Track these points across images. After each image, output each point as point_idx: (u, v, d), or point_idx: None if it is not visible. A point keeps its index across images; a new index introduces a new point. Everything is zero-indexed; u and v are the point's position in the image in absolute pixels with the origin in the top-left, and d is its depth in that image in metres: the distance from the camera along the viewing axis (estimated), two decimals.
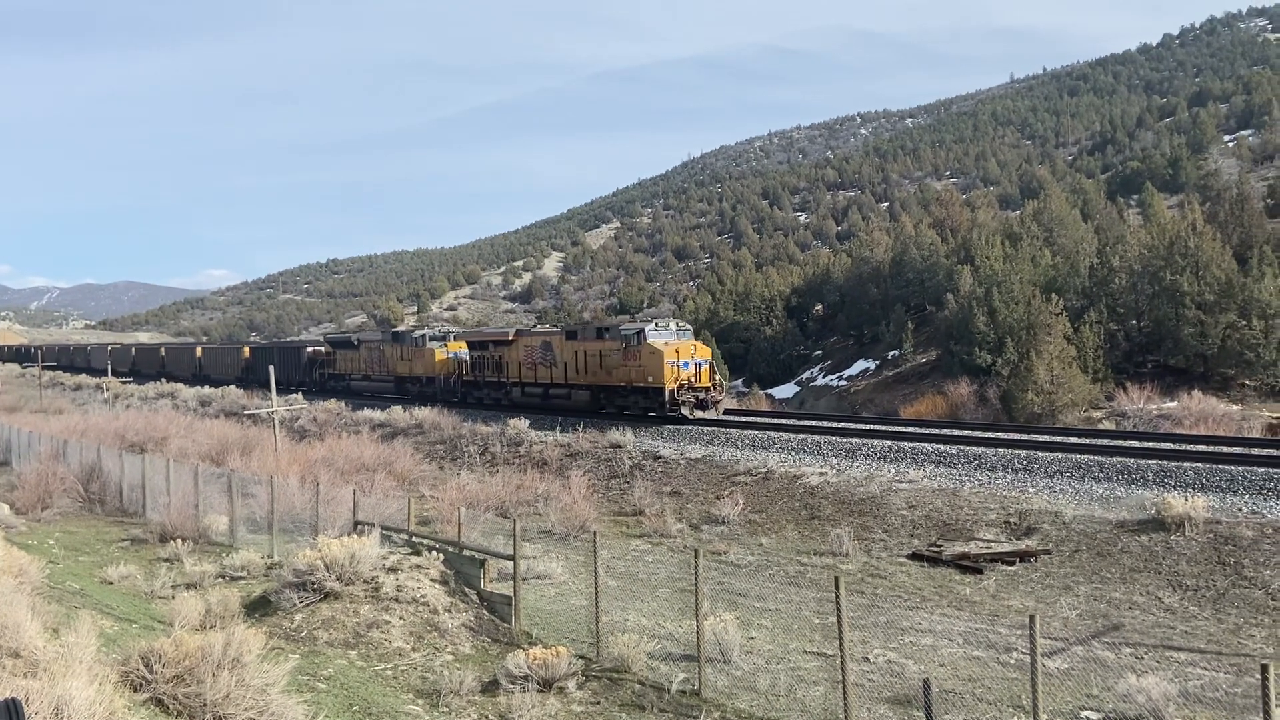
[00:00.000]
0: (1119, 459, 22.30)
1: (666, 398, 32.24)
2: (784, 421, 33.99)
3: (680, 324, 34.60)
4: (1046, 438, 27.28)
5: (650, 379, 32.87)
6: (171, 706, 8.84)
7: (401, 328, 67.16)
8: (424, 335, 47.65)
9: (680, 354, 32.68)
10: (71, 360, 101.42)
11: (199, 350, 79.51)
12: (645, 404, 33.34)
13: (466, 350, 44.98)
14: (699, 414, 32.45)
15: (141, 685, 9.03)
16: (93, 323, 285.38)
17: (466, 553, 16.33)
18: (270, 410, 33.62)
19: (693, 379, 32.74)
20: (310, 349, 59.97)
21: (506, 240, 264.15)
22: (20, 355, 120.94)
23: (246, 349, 69.25)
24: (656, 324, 34.27)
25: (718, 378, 34.01)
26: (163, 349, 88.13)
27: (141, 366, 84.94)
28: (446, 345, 46.08)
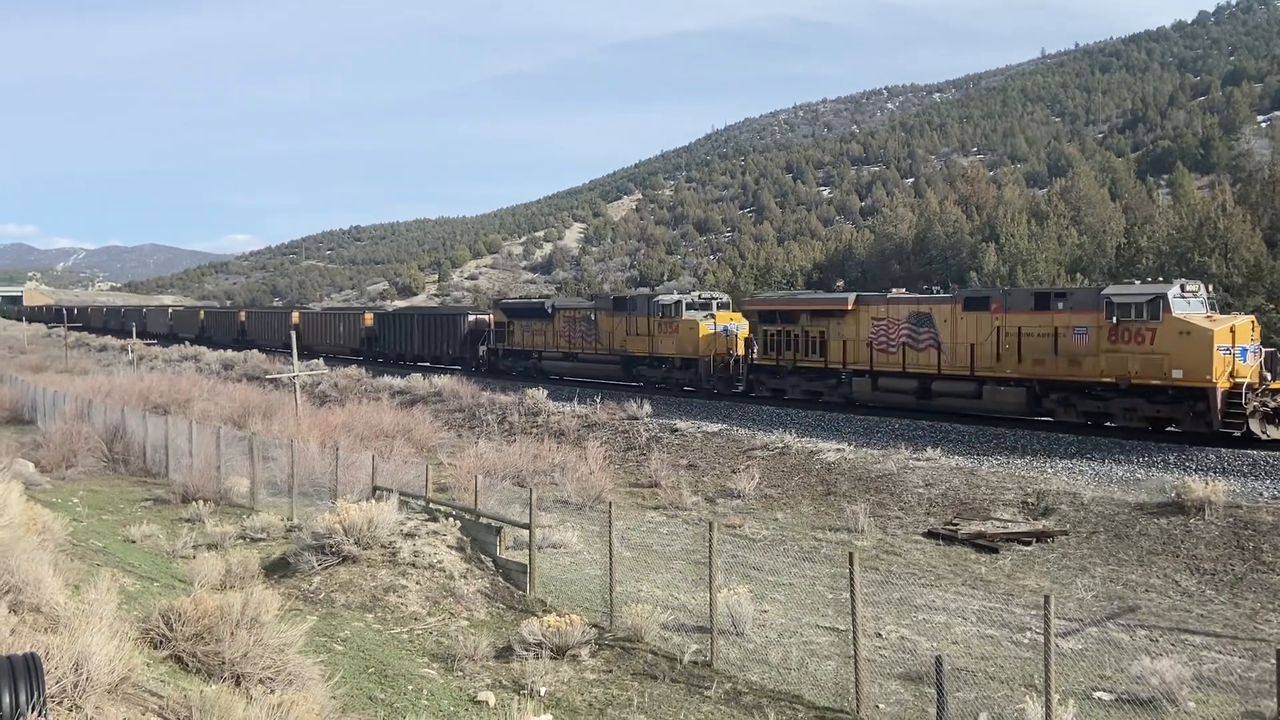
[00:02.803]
0: (1140, 441, 22.13)
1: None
2: (801, 397, 31.87)
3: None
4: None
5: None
6: (190, 664, 8.97)
7: (631, 292, 52.63)
8: (678, 302, 35.36)
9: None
10: (123, 322, 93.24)
11: (296, 316, 64.29)
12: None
13: (742, 323, 34.49)
14: None
15: (161, 643, 9.16)
16: (118, 285, 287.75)
17: (483, 520, 16.45)
18: (291, 375, 33.87)
19: None
20: (472, 317, 48.16)
21: (528, 210, 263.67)
22: (46, 315, 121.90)
23: (369, 315, 57.43)
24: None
25: None
26: (244, 313, 74.90)
27: (214, 333, 74.17)
28: (713, 316, 34.44)
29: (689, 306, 34.77)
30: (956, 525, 19.00)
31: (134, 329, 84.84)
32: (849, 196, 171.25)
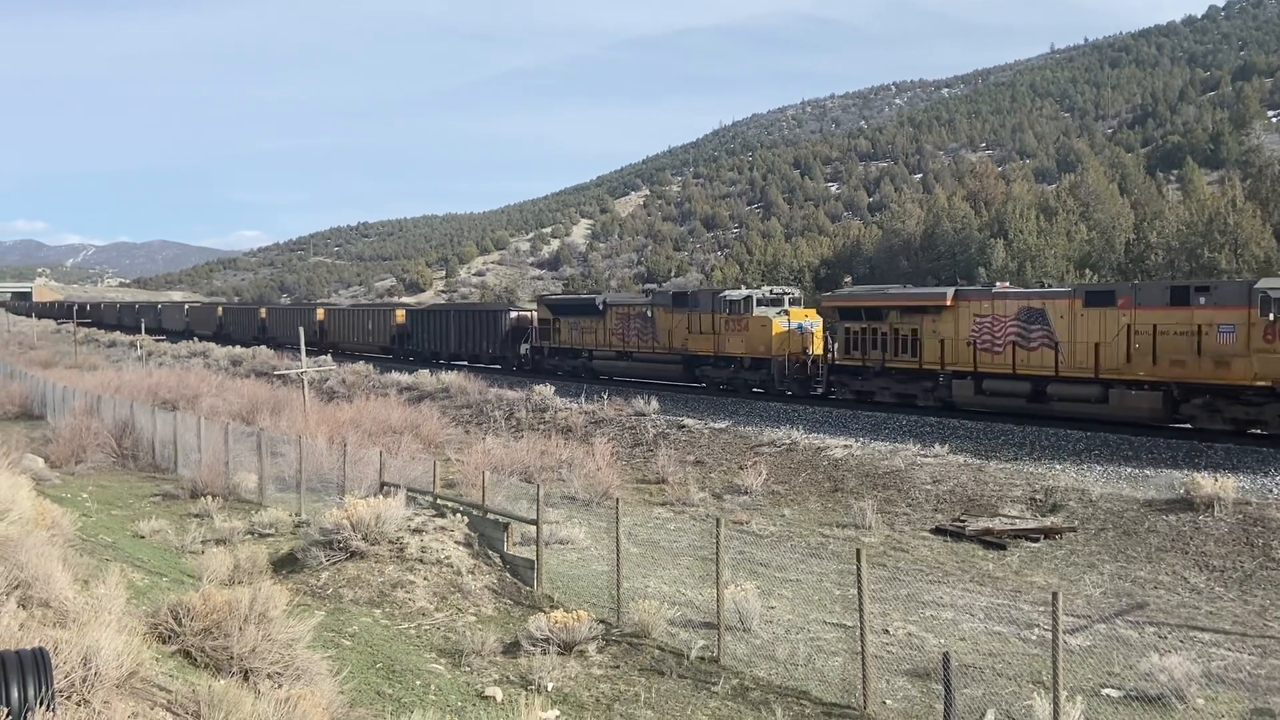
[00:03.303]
0: (1148, 438, 22.05)
1: None
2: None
3: None
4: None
5: None
6: (199, 659, 9.00)
7: (691, 287, 46.45)
8: (748, 297, 32.50)
9: None
10: (137, 319, 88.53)
11: (321, 312, 63.44)
12: None
13: (816, 320, 32.20)
14: None
15: (170, 637, 9.20)
16: (127, 281, 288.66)
17: (490, 516, 16.47)
18: (300, 371, 33.96)
19: None
20: (514, 314, 45.81)
21: (535, 207, 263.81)
22: (56, 311, 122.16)
23: (400, 311, 55.12)
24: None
25: None
26: (264, 310, 72.55)
27: (233, 330, 72.36)
28: (786, 312, 31.94)
29: (760, 302, 32.13)
30: (964, 522, 18.96)
31: (146, 325, 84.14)
32: (857, 192, 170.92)
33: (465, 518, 16.41)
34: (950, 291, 27.48)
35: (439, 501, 17.54)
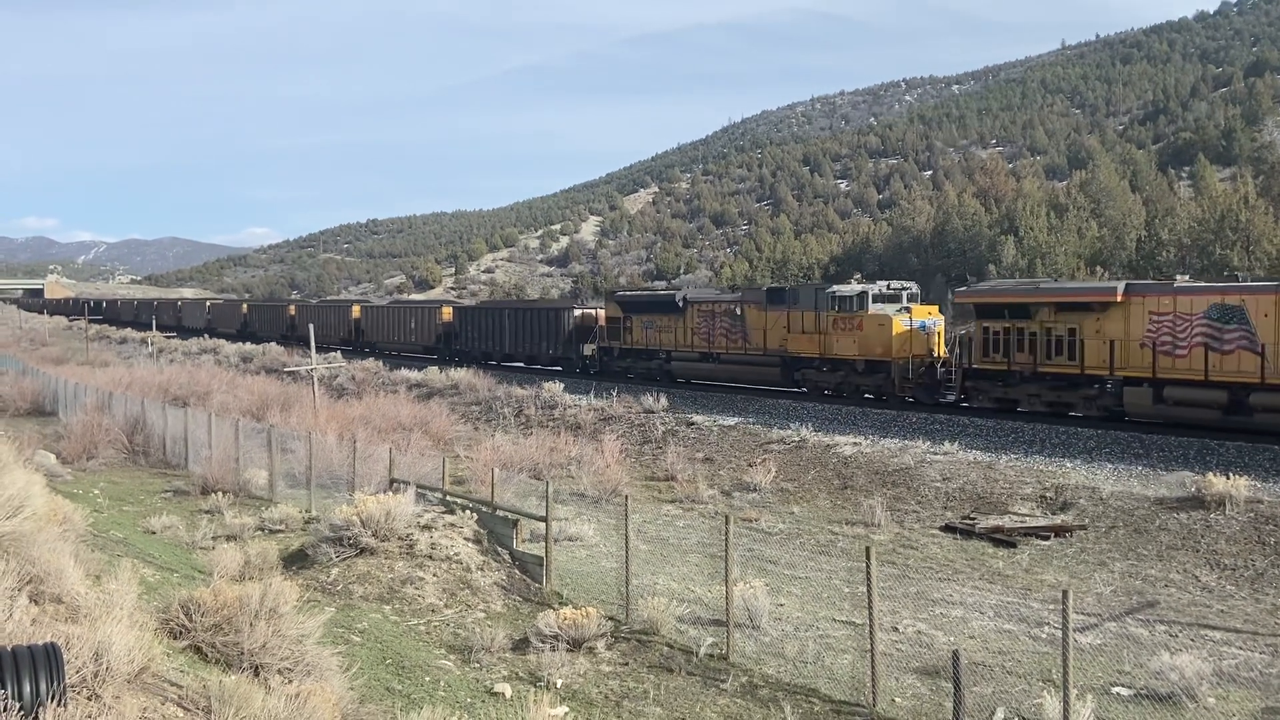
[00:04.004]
0: (1160, 435, 21.95)
1: None
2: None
3: None
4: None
5: None
6: (209, 654, 9.03)
7: (792, 283, 41.67)
8: (863, 293, 29.47)
9: None
10: (155, 316, 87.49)
11: (357, 310, 60.68)
12: None
13: (939, 318, 29.67)
14: None
15: (181, 633, 9.23)
16: (138, 278, 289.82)
17: (500, 513, 16.50)
18: (310, 368, 34.07)
19: None
20: (579, 311, 42.29)
21: (544, 204, 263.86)
22: (68, 308, 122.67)
23: (447, 309, 51.95)
24: None
25: None
26: (293, 307, 70.61)
27: (259, 328, 69.86)
28: (907, 309, 28.90)
29: (876, 298, 29.14)
30: (974, 519, 18.91)
31: (166, 323, 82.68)
32: (866, 189, 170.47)
33: (474, 514, 16.44)
34: (1120, 286, 24.59)
35: (448, 498, 17.58)
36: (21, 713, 5.46)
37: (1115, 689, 10.90)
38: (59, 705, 5.62)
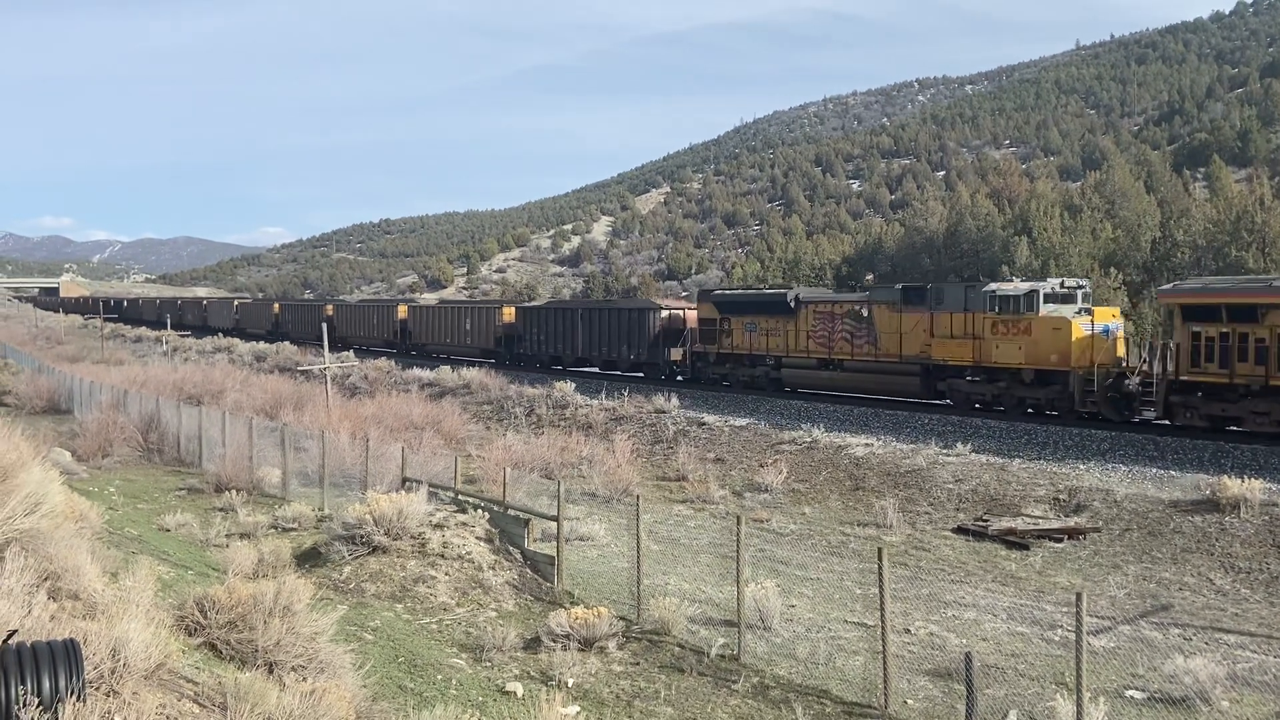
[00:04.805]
0: (1174, 438, 21.84)
1: None
2: (829, 393, 30.74)
3: None
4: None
5: None
6: (224, 651, 9.09)
7: (936, 282, 36.21)
8: (1032, 292, 25.56)
9: None
10: (179, 316, 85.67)
11: (403, 310, 56.27)
12: None
13: (1120, 320, 26.23)
14: None
15: (196, 630, 9.29)
16: (153, 277, 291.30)
17: (511, 512, 16.54)
18: (323, 367, 34.20)
19: None
20: (666, 312, 38.40)
21: (556, 204, 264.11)
22: (84, 307, 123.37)
23: (508, 309, 47.85)
24: None
25: None
26: (330, 307, 65.89)
27: (291, 329, 66.38)
28: (1088, 311, 25.33)
29: (1048, 298, 25.30)
30: (987, 521, 18.86)
31: (189, 323, 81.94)
32: (879, 190, 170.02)
33: (486, 514, 16.48)
34: None
35: (460, 497, 17.63)
36: (41, 708, 5.51)
37: (1129, 692, 10.86)
38: (79, 701, 5.67)
